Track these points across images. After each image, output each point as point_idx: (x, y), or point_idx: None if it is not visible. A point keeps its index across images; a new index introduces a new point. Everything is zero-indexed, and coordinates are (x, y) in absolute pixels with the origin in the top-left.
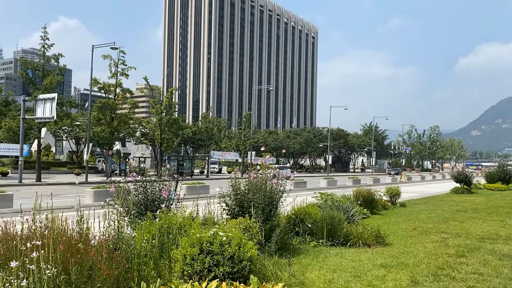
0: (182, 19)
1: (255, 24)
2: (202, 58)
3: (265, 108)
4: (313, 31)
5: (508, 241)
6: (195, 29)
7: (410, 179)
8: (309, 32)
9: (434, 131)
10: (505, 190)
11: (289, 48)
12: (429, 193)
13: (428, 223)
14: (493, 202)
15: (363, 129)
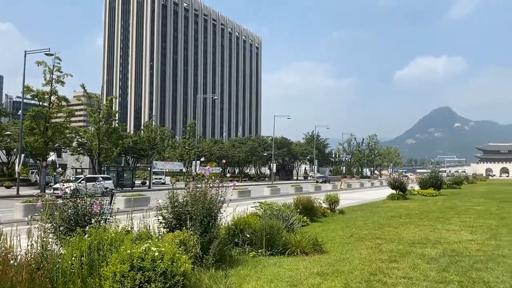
0: (123, 26)
1: (199, 32)
2: (144, 65)
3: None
4: (257, 41)
5: (437, 245)
6: (137, 36)
7: (350, 186)
8: (253, 42)
9: (372, 139)
10: (436, 195)
11: (233, 57)
12: (367, 199)
13: (364, 230)
14: (425, 208)
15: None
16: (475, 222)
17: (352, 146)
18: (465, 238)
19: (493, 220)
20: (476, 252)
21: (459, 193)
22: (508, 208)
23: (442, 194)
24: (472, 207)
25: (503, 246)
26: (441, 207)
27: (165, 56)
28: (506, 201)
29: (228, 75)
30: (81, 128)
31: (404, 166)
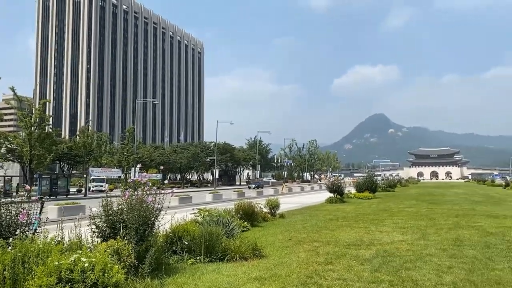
0: (58, 26)
1: (139, 35)
2: (80, 68)
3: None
4: (199, 46)
5: (370, 246)
6: (73, 37)
7: (291, 191)
8: (195, 47)
9: (312, 145)
10: (372, 198)
11: (175, 61)
12: (307, 203)
13: (303, 233)
14: (361, 210)
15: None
16: (406, 223)
17: (293, 151)
18: (396, 239)
19: (422, 221)
20: (406, 252)
21: (392, 196)
22: (437, 209)
23: (377, 197)
24: (404, 209)
25: (430, 246)
26: (376, 210)
27: (103, 59)
28: (435, 203)
29: (170, 79)
30: (11, 133)
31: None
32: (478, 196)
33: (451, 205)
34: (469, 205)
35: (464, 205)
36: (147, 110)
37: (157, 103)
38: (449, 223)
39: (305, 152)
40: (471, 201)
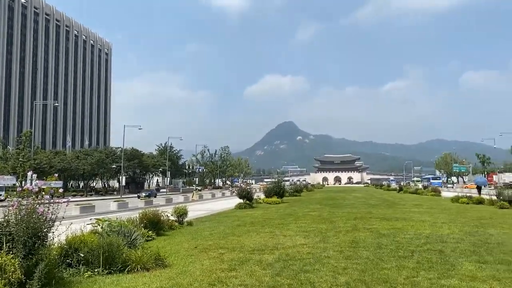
0: None
1: (39, 32)
2: None
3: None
4: (107, 47)
5: (274, 251)
6: None
7: (202, 197)
8: (102, 48)
9: (225, 151)
10: (279, 203)
11: (79, 62)
12: (217, 210)
13: (209, 240)
14: (268, 215)
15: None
16: (309, 227)
17: (205, 157)
18: (299, 242)
19: (324, 225)
20: (307, 255)
21: (299, 200)
22: (338, 213)
23: (285, 201)
24: (308, 213)
25: (329, 248)
26: (282, 214)
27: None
28: (336, 207)
29: (73, 80)
30: None
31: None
32: (375, 199)
33: (351, 208)
34: (367, 208)
35: (362, 208)
36: (48, 113)
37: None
38: (348, 226)
39: (218, 159)
40: (369, 205)
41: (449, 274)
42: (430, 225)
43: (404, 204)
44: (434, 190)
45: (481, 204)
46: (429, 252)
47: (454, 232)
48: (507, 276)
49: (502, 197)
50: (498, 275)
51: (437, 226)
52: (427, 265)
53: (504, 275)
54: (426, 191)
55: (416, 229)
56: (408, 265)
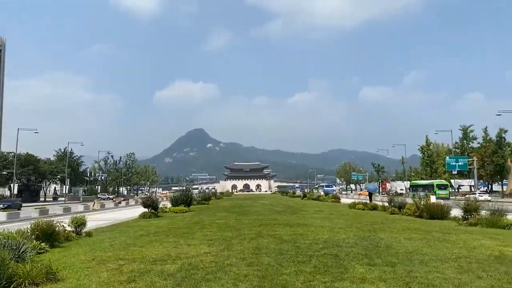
0: None
1: None
2: None
3: None
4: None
5: (176, 261)
6: None
7: (104, 206)
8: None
9: (130, 158)
10: (186, 212)
11: None
12: (119, 219)
13: (109, 252)
14: (174, 224)
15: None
16: (215, 235)
17: (109, 164)
18: (203, 251)
19: (229, 232)
20: (210, 264)
21: (207, 209)
22: (244, 220)
23: (192, 210)
24: (215, 221)
25: (232, 256)
26: (189, 223)
27: None
28: (243, 214)
29: None
30: None
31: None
32: (280, 206)
33: (257, 215)
34: (272, 215)
35: (268, 215)
36: None
37: None
38: (253, 233)
39: (122, 166)
40: (274, 211)
41: (342, 277)
42: (329, 231)
43: (307, 210)
44: (335, 197)
45: (375, 210)
46: (326, 257)
47: (349, 237)
48: (392, 277)
49: (393, 203)
50: (384, 276)
51: (335, 231)
52: (323, 269)
53: (390, 276)
54: (327, 198)
55: (315, 234)
56: (306, 270)
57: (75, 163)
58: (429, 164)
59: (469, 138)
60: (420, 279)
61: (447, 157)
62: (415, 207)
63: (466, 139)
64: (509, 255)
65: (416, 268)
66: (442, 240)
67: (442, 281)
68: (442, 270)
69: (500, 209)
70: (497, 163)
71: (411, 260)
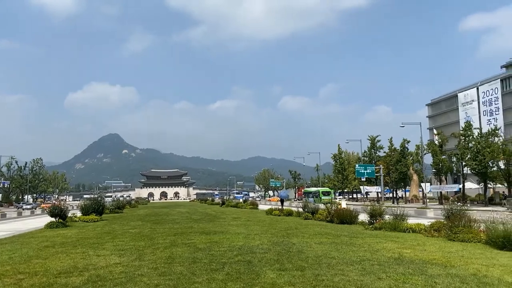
0: None
1: None
2: None
3: None
4: None
5: (83, 272)
6: None
7: (5, 216)
8: None
9: (37, 163)
10: (98, 221)
11: None
12: (22, 230)
13: (7, 265)
14: (83, 234)
15: None
16: (127, 245)
17: (12, 170)
18: (113, 261)
19: (142, 242)
20: (119, 275)
21: (120, 217)
22: (159, 229)
23: (104, 219)
24: (128, 230)
25: (144, 266)
26: (100, 233)
27: None
28: (158, 223)
29: None
30: None
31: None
32: (198, 214)
33: (173, 224)
34: (189, 223)
35: (184, 223)
36: None
37: None
38: (167, 242)
39: (28, 172)
40: (191, 219)
41: (253, 283)
42: (244, 237)
43: (224, 218)
44: (253, 204)
45: (290, 216)
46: (239, 263)
47: (263, 243)
48: (301, 281)
49: (306, 209)
50: (294, 280)
51: (250, 237)
52: (235, 276)
53: (299, 280)
54: (245, 205)
55: (231, 241)
56: (218, 277)
57: None
58: (341, 171)
59: (376, 148)
60: (326, 282)
61: (357, 165)
62: (327, 212)
63: (373, 148)
64: (406, 257)
65: (323, 272)
66: (349, 244)
67: (346, 283)
68: (347, 273)
69: (401, 213)
70: (401, 171)
71: (319, 264)
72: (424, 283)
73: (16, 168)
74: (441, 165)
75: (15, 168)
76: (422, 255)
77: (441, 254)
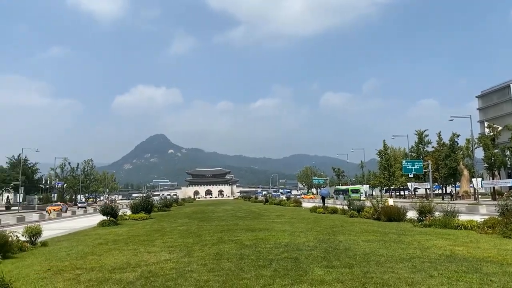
0: None
1: None
2: None
3: None
4: None
5: (136, 268)
6: None
7: (60, 215)
8: None
9: (88, 164)
10: (147, 219)
11: None
12: (77, 228)
13: (65, 261)
14: (134, 232)
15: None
16: (175, 242)
17: (66, 171)
18: (163, 258)
19: (190, 239)
20: (170, 271)
21: (168, 215)
22: (206, 226)
23: (153, 217)
24: (176, 227)
25: (193, 262)
26: (149, 230)
27: None
28: (205, 220)
29: None
30: None
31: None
32: (242, 212)
33: (219, 221)
34: (234, 220)
35: (229, 220)
36: None
37: None
38: (214, 239)
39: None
40: (236, 217)
41: (301, 280)
42: (289, 234)
43: (269, 215)
44: (296, 201)
45: (335, 213)
46: (286, 260)
47: (309, 240)
48: (349, 278)
49: (352, 206)
50: (342, 277)
51: (295, 235)
52: (283, 272)
53: (348, 277)
54: (289, 202)
55: (276, 238)
56: (266, 274)
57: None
58: (387, 168)
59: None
60: (375, 279)
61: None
62: (373, 210)
63: (421, 143)
64: (459, 254)
65: (372, 269)
66: (398, 241)
67: (396, 280)
68: (396, 270)
69: (452, 210)
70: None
71: (368, 261)
72: (480, 281)
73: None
74: (494, 160)
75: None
76: (476, 253)
77: (496, 252)
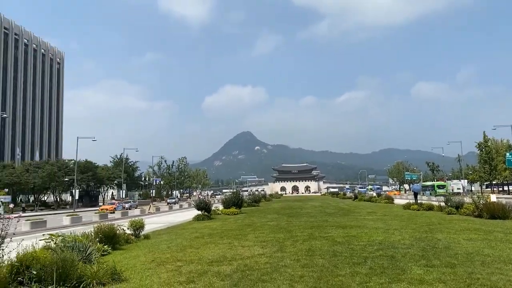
0: None
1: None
2: None
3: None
4: (59, 56)
5: (232, 262)
6: None
7: (159, 210)
8: (54, 57)
9: (182, 162)
10: (238, 214)
11: (29, 72)
12: (174, 222)
13: (167, 253)
14: (227, 226)
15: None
16: (267, 236)
17: (162, 169)
18: (257, 252)
19: (281, 234)
20: (264, 265)
21: (257, 211)
22: (295, 222)
23: (243, 212)
24: (266, 223)
25: (286, 257)
26: (241, 225)
27: None
28: (294, 216)
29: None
30: None
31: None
32: (331, 208)
33: (308, 217)
34: (323, 217)
35: (319, 217)
36: None
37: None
38: (305, 235)
39: (175, 170)
40: (325, 213)
41: (399, 278)
42: (383, 232)
43: (359, 212)
44: (388, 198)
45: (431, 210)
46: (381, 258)
47: (405, 238)
48: (452, 279)
49: (450, 203)
50: (444, 277)
51: (389, 232)
52: (379, 270)
53: (449, 277)
54: (379, 199)
55: (369, 236)
56: (361, 271)
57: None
58: (488, 161)
59: None
60: (482, 281)
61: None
62: (474, 206)
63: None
64: None
65: (478, 270)
66: (505, 241)
67: (507, 282)
68: (506, 272)
69: None
70: None
71: (471, 261)
72: None
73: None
74: None
75: (164, 167)
76: None
77: None
